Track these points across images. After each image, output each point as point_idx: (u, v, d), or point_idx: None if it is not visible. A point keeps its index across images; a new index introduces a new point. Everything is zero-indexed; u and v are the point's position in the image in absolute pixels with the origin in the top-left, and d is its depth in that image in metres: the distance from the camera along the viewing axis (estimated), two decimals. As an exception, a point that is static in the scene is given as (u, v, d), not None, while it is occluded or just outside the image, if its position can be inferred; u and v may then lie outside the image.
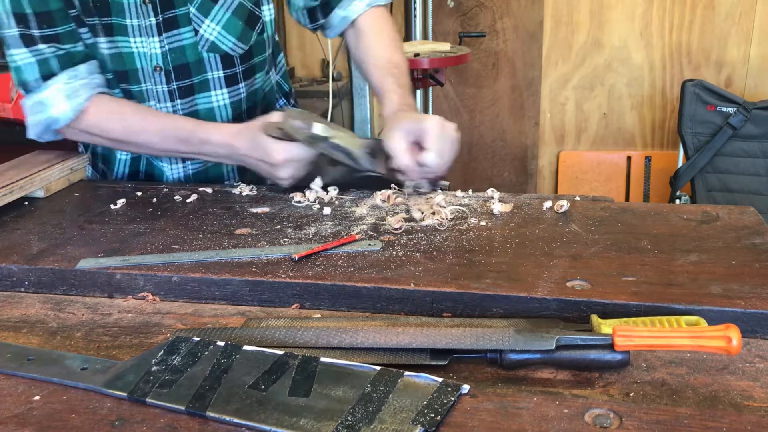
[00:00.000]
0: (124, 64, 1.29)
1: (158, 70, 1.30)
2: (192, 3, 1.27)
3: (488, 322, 0.81)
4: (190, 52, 1.30)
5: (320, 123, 1.16)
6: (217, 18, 1.28)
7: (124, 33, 1.26)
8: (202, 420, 0.65)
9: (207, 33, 1.29)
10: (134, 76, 1.30)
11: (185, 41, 1.29)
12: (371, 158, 1.17)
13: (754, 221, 1.03)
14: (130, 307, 0.90)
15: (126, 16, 1.25)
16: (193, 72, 1.32)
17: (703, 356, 0.74)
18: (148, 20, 1.26)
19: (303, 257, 0.94)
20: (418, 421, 0.63)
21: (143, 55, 1.29)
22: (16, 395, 0.71)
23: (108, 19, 1.25)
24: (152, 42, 1.28)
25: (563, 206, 1.09)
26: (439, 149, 1.11)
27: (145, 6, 1.24)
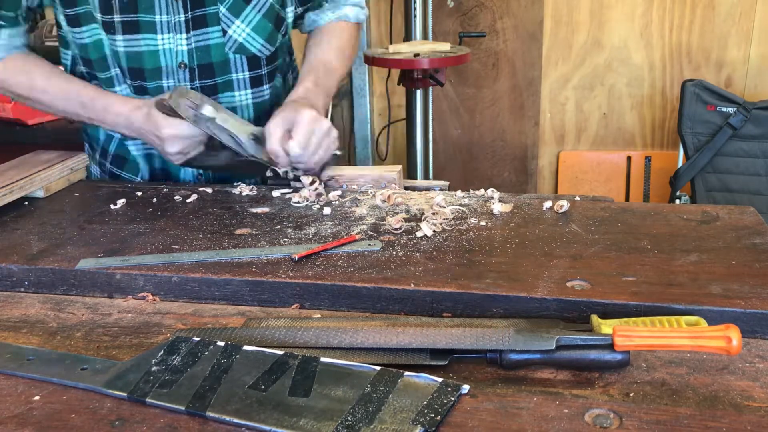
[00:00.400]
0: (141, 61, 1.30)
1: (183, 67, 1.31)
2: (223, 3, 1.27)
3: (488, 322, 0.81)
4: (215, 52, 1.30)
5: (209, 105, 1.20)
6: (248, 19, 1.29)
7: (151, 30, 1.27)
8: (202, 420, 0.65)
9: (236, 34, 1.29)
10: (153, 73, 1.31)
11: (212, 41, 1.29)
12: (255, 144, 1.22)
13: (754, 221, 1.03)
14: (130, 307, 0.90)
15: (155, 12, 1.26)
16: (217, 72, 1.32)
17: (703, 356, 0.74)
18: (178, 17, 1.27)
19: (303, 257, 0.94)
20: (418, 421, 0.63)
21: (169, 52, 1.29)
22: (16, 395, 0.71)
23: (133, 16, 1.26)
24: (179, 39, 1.29)
25: (563, 206, 1.09)
26: (304, 141, 1.17)
27: (175, 2, 1.26)
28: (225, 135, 1.21)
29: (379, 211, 1.12)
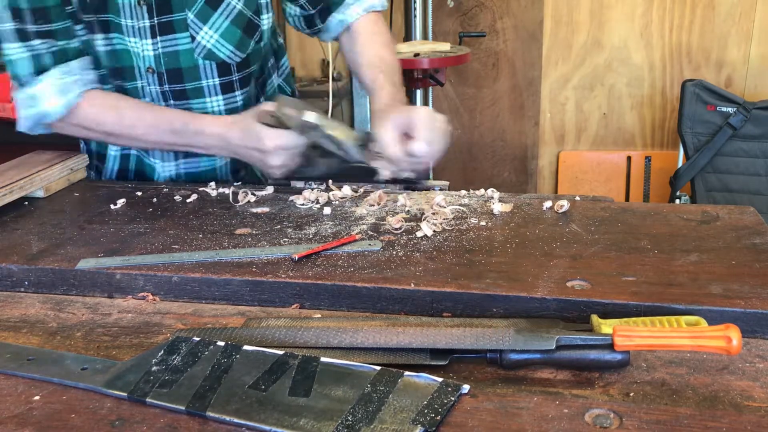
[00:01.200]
0: (118, 60, 1.29)
1: (150, 72, 1.30)
2: (191, 9, 1.26)
3: (488, 322, 0.81)
4: (184, 58, 1.30)
5: (313, 112, 1.16)
6: (215, 26, 1.28)
7: (120, 31, 1.27)
8: (202, 420, 0.65)
9: (204, 40, 1.28)
10: (129, 72, 1.31)
11: (180, 46, 1.29)
12: (361, 149, 1.18)
13: (754, 221, 1.03)
14: (130, 307, 0.90)
15: (121, 15, 1.25)
16: (186, 78, 1.32)
17: (703, 356, 0.74)
18: (142, 22, 1.26)
19: (303, 257, 0.94)
20: (418, 421, 0.63)
21: (137, 55, 1.29)
22: (16, 395, 0.71)
23: (104, 15, 1.25)
24: (145, 44, 1.28)
25: (563, 206, 1.09)
26: (429, 139, 1.12)
27: (139, 7, 1.25)
28: (331, 143, 1.17)
29: (379, 211, 1.12)
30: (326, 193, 1.19)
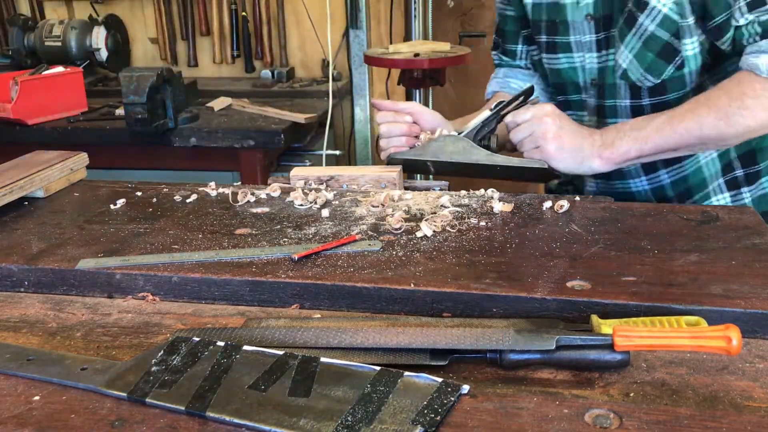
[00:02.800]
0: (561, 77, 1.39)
1: (594, 84, 1.34)
2: (617, 26, 1.27)
3: (488, 322, 0.81)
4: (609, 74, 1.32)
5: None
6: (630, 45, 1.26)
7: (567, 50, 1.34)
8: (201, 420, 0.65)
9: (621, 59, 1.28)
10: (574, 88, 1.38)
11: (610, 62, 1.31)
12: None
13: (754, 221, 1.03)
14: (130, 307, 0.90)
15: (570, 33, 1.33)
16: (607, 94, 1.33)
17: (703, 356, 0.74)
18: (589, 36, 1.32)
19: (303, 257, 0.94)
20: (418, 422, 0.62)
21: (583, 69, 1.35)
22: (16, 395, 0.71)
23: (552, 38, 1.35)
24: (591, 57, 1.33)
25: (563, 206, 1.09)
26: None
27: (587, 23, 1.31)
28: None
29: (379, 211, 1.12)
30: (325, 193, 1.19)
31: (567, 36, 1.34)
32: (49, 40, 3.08)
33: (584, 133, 1.24)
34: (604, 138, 1.22)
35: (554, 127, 1.21)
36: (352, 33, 2.91)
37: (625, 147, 1.20)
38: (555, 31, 1.36)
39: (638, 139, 1.19)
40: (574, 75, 1.37)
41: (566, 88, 1.40)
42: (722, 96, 1.15)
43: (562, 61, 1.37)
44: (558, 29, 1.35)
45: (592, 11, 1.30)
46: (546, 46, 1.38)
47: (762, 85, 1.13)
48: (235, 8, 3.27)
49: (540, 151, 1.23)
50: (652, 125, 1.19)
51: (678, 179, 1.34)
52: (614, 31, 1.29)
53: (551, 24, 1.36)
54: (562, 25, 1.34)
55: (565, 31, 1.34)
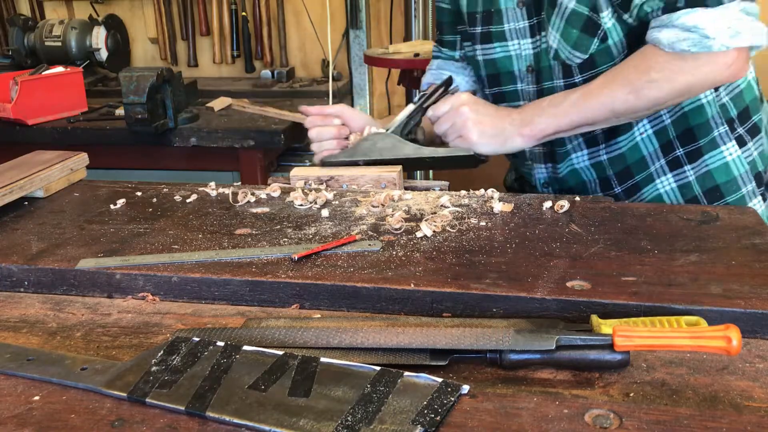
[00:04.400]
0: (497, 67, 1.38)
1: (530, 71, 1.35)
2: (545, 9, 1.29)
3: (488, 322, 0.81)
4: (543, 57, 1.33)
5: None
6: (555, 25, 1.28)
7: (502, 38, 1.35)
8: (201, 420, 0.65)
9: (550, 40, 1.30)
10: (509, 78, 1.38)
11: (543, 46, 1.32)
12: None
13: (754, 221, 1.03)
14: (130, 307, 0.90)
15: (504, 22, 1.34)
16: (544, 77, 1.34)
17: (703, 356, 0.74)
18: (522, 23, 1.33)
19: (303, 257, 0.94)
20: (418, 422, 0.62)
21: (519, 57, 1.36)
22: (16, 395, 0.71)
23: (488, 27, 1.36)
24: (526, 43, 1.34)
25: (563, 206, 1.09)
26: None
27: (519, 9, 1.32)
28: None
29: (379, 211, 1.12)
30: (325, 193, 1.19)
31: (501, 24, 1.36)
32: (49, 40, 3.08)
33: (503, 114, 1.29)
34: (523, 116, 1.27)
35: (472, 114, 1.27)
36: (352, 33, 2.91)
37: (544, 123, 1.25)
38: (490, 20, 1.37)
39: (556, 115, 1.24)
40: (509, 64, 1.38)
41: (501, 78, 1.41)
42: (630, 70, 1.20)
43: (497, 50, 1.38)
44: (493, 18, 1.36)
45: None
46: (481, 36, 1.39)
47: (665, 58, 1.16)
48: (235, 8, 3.28)
49: (463, 139, 1.28)
50: (568, 101, 1.24)
51: (615, 156, 1.35)
52: (544, 14, 1.30)
53: (486, 14, 1.37)
54: (497, 14, 1.35)
55: (499, 19, 1.36)
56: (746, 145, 1.31)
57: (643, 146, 1.32)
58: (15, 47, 3.10)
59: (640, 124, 1.30)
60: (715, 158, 1.30)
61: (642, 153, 1.33)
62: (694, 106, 1.28)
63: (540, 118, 1.25)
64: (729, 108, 1.30)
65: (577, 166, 1.39)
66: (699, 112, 1.28)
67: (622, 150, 1.34)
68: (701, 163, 1.31)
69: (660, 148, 1.32)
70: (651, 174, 1.34)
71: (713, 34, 1.11)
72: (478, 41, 1.41)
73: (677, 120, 1.29)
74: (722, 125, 1.29)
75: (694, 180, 1.31)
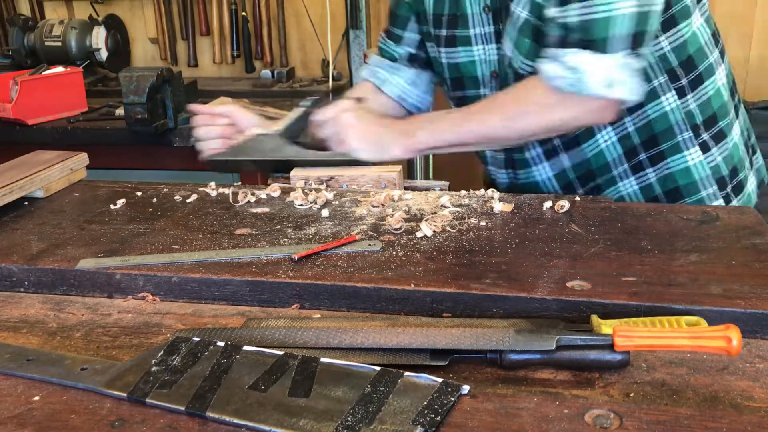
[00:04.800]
0: (460, 71, 1.38)
1: (495, 76, 1.35)
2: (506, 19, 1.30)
3: (488, 323, 0.81)
4: (502, 65, 1.33)
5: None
6: (509, 35, 1.28)
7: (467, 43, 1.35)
8: (201, 420, 0.65)
9: (506, 48, 1.30)
10: (472, 82, 1.38)
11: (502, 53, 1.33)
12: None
13: (754, 221, 1.03)
14: (130, 308, 0.90)
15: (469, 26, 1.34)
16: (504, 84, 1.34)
17: (703, 356, 0.74)
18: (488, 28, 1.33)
19: (303, 257, 0.94)
20: (418, 422, 0.62)
21: (483, 62, 1.36)
22: (16, 395, 0.71)
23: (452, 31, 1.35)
24: (491, 48, 1.34)
25: (564, 206, 1.09)
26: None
27: (485, 15, 1.32)
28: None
29: (379, 211, 1.12)
30: (325, 193, 1.19)
31: (467, 29, 1.35)
32: (49, 40, 3.08)
33: (385, 123, 1.33)
34: (406, 127, 1.30)
35: (354, 120, 1.31)
36: (352, 33, 2.91)
37: (422, 138, 1.28)
38: (455, 24, 1.36)
39: (434, 132, 1.27)
40: (472, 69, 1.38)
41: (464, 82, 1.40)
42: (509, 100, 1.24)
43: (461, 54, 1.38)
44: (458, 22, 1.36)
45: (489, 3, 1.31)
46: (446, 40, 1.39)
47: (542, 91, 1.18)
48: (235, 8, 3.28)
49: (343, 144, 1.30)
50: (447, 120, 1.28)
51: (578, 162, 1.35)
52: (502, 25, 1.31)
53: (452, 17, 1.37)
54: (463, 18, 1.35)
55: (465, 24, 1.35)
56: (710, 151, 1.32)
57: (607, 153, 1.33)
58: (15, 47, 3.10)
59: (604, 131, 1.30)
60: (677, 162, 1.31)
61: (606, 159, 1.33)
62: (658, 114, 1.28)
63: (420, 132, 1.28)
64: (695, 114, 1.30)
65: (539, 178, 1.40)
66: (663, 119, 1.29)
67: (586, 156, 1.34)
68: (663, 165, 1.31)
69: (624, 154, 1.32)
70: (614, 177, 1.34)
71: (590, 78, 1.12)
72: (442, 44, 1.40)
73: (641, 127, 1.30)
74: (687, 131, 1.30)
75: (655, 181, 1.32)
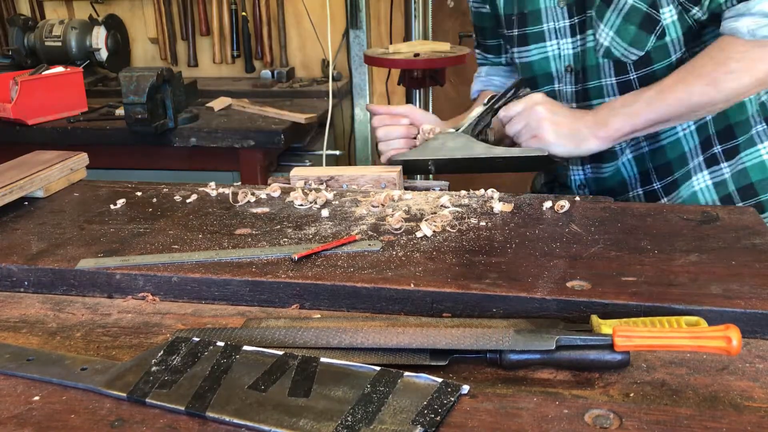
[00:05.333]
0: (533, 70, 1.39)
1: (569, 71, 1.34)
2: (592, 7, 1.28)
3: (488, 323, 0.81)
4: (589, 56, 1.32)
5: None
6: (610, 22, 1.26)
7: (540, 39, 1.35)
8: (201, 420, 0.65)
9: (602, 38, 1.28)
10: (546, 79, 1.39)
11: (588, 44, 1.31)
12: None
13: (754, 221, 1.03)
14: (130, 308, 0.90)
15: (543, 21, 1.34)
16: (589, 76, 1.33)
17: (703, 356, 0.74)
18: (563, 22, 1.32)
19: (303, 257, 0.94)
20: (418, 422, 0.62)
21: (557, 57, 1.35)
22: (16, 395, 0.71)
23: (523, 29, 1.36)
24: (566, 43, 1.33)
25: (564, 206, 1.09)
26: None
27: (560, 8, 1.31)
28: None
29: (379, 211, 1.12)
30: (325, 193, 1.19)
31: (540, 24, 1.35)
32: (49, 40, 3.08)
33: (578, 115, 1.27)
34: (597, 117, 1.24)
35: (548, 113, 1.24)
36: (352, 33, 2.91)
37: (619, 124, 1.22)
38: (526, 21, 1.36)
39: (630, 115, 1.22)
40: (546, 65, 1.38)
41: (537, 80, 1.40)
42: (708, 62, 1.17)
43: (533, 52, 1.38)
44: (530, 19, 1.36)
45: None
46: (518, 39, 1.39)
47: (745, 47, 1.14)
48: (235, 8, 3.28)
49: (538, 139, 1.24)
50: (642, 99, 1.21)
51: (656, 149, 1.34)
52: (590, 12, 1.29)
53: (523, 15, 1.37)
54: (535, 14, 1.35)
55: (537, 20, 1.35)
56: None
57: (684, 142, 1.31)
58: (15, 47, 3.10)
59: None
60: (752, 156, 1.29)
61: (683, 149, 1.32)
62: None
63: (614, 119, 1.22)
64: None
65: (620, 162, 1.38)
66: (740, 109, 1.27)
67: (662, 143, 1.33)
68: (737, 160, 1.30)
69: (699, 145, 1.31)
70: (689, 171, 1.33)
71: None
72: (515, 44, 1.40)
73: (718, 117, 1.28)
74: (761, 123, 1.29)
75: (730, 177, 1.31)
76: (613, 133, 1.23)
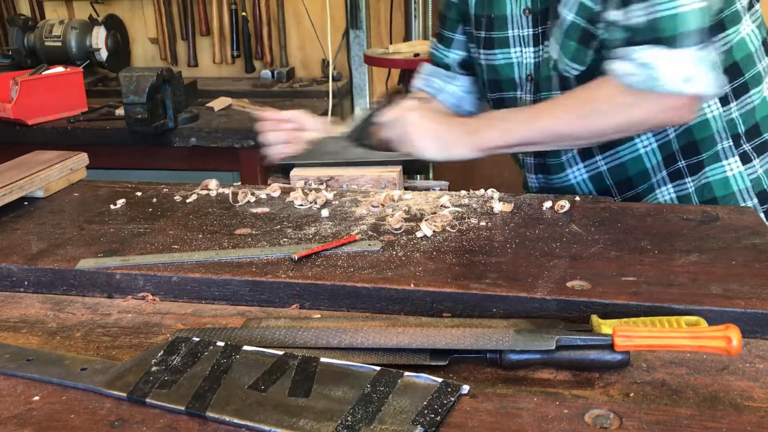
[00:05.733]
0: (498, 73, 1.38)
1: (530, 80, 1.35)
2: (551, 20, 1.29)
3: (488, 323, 0.81)
4: (544, 67, 1.32)
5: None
6: (556, 36, 1.27)
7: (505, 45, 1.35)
8: (201, 420, 0.65)
9: (551, 51, 1.29)
10: (510, 84, 1.38)
11: (545, 55, 1.32)
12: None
13: (754, 221, 1.03)
14: (130, 308, 0.90)
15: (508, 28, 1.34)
16: (542, 87, 1.33)
17: (703, 356, 0.74)
18: (527, 30, 1.33)
19: (303, 257, 0.94)
20: (418, 422, 0.62)
21: (520, 65, 1.36)
22: (16, 395, 0.71)
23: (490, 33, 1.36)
24: (528, 52, 1.34)
25: (564, 206, 1.09)
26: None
27: (525, 17, 1.32)
28: None
29: (379, 211, 1.12)
30: (325, 193, 1.19)
31: (505, 30, 1.36)
32: (49, 40, 3.08)
33: (450, 122, 1.31)
34: (473, 126, 1.27)
35: (418, 119, 1.28)
36: (352, 33, 2.91)
37: (491, 135, 1.24)
38: (493, 26, 1.37)
39: (504, 130, 1.24)
40: (510, 71, 1.38)
41: (502, 84, 1.41)
42: (582, 97, 1.20)
43: (498, 57, 1.38)
44: (497, 24, 1.36)
45: (530, 5, 1.31)
46: (485, 41, 1.39)
47: (615, 90, 1.16)
48: (235, 8, 3.28)
49: (409, 144, 1.28)
50: (516, 118, 1.24)
51: (615, 166, 1.34)
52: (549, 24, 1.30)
53: (490, 19, 1.37)
54: (502, 19, 1.35)
55: (503, 26, 1.35)
56: (750, 162, 1.30)
57: (646, 159, 1.31)
58: (15, 47, 3.10)
59: (644, 137, 1.29)
60: (716, 171, 1.29)
61: (645, 166, 1.32)
62: (698, 120, 1.26)
63: (488, 130, 1.25)
64: (737, 123, 1.28)
65: (574, 180, 1.38)
66: (704, 127, 1.27)
67: (622, 160, 1.33)
68: (701, 174, 1.30)
69: (663, 161, 1.31)
70: (652, 185, 1.33)
71: (665, 74, 1.10)
72: (481, 45, 1.41)
73: (682, 133, 1.28)
74: (727, 140, 1.28)
75: (693, 191, 1.31)
76: (486, 143, 1.25)
